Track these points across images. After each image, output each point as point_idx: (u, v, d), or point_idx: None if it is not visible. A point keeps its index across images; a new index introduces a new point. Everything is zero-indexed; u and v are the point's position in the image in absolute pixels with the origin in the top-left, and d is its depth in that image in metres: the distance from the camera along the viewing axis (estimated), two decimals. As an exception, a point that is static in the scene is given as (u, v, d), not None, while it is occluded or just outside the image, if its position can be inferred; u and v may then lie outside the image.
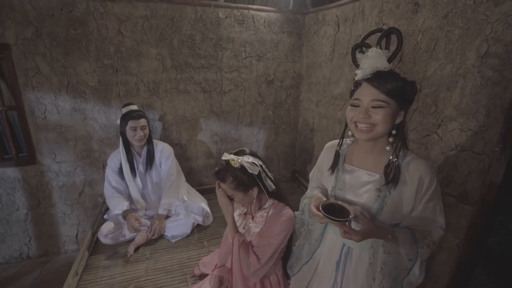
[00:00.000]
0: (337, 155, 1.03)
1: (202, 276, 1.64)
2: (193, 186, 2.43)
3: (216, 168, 1.21)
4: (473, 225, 1.23)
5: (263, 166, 1.22)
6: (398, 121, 0.88)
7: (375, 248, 0.93)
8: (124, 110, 1.96)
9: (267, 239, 1.21)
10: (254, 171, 1.16)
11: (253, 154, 1.24)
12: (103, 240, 1.91)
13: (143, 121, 1.92)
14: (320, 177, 1.14)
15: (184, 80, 2.41)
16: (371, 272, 0.95)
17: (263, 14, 2.47)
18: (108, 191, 2.01)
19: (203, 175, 2.76)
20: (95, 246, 1.95)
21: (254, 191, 1.22)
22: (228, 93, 2.59)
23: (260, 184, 1.21)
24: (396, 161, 0.89)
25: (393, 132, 0.89)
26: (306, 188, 2.85)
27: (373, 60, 0.89)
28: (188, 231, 2.06)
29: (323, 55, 2.38)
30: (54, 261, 2.38)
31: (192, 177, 2.69)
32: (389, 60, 0.90)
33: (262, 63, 2.61)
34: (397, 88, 0.84)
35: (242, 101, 2.66)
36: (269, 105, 2.78)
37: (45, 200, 2.29)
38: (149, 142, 2.04)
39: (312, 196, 1.07)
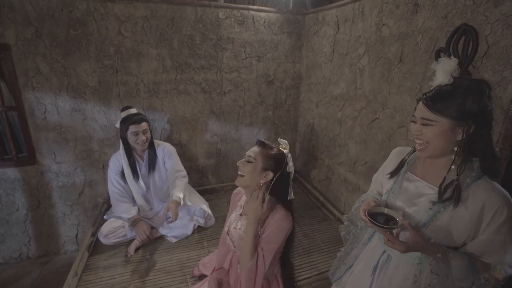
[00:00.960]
0: (402, 163, 1.01)
1: (202, 276, 1.64)
2: (193, 187, 2.43)
3: (264, 140, 1.27)
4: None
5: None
6: (459, 138, 0.82)
7: (423, 264, 0.88)
8: (123, 114, 1.91)
9: (270, 245, 1.19)
10: (290, 168, 1.24)
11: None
12: (103, 240, 1.91)
13: (144, 125, 1.88)
14: (382, 180, 1.12)
15: (184, 81, 2.41)
16: None
17: (263, 14, 2.48)
18: (113, 193, 1.99)
19: (204, 176, 2.76)
20: (95, 247, 1.94)
21: (267, 177, 1.21)
22: (228, 93, 2.59)
23: (276, 178, 1.21)
24: (456, 179, 0.83)
25: (455, 148, 0.84)
26: (306, 189, 2.83)
27: (439, 73, 0.87)
28: (189, 232, 2.06)
29: (323, 56, 2.38)
30: (53, 262, 2.38)
31: (192, 177, 2.68)
32: (466, 66, 0.86)
33: (262, 63, 2.61)
34: (449, 105, 0.80)
35: (242, 102, 2.66)
36: (269, 105, 2.78)
37: (45, 201, 2.29)
38: (151, 144, 2.01)
39: (364, 200, 1.06)
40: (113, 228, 1.93)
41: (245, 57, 2.54)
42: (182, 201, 1.97)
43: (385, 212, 0.91)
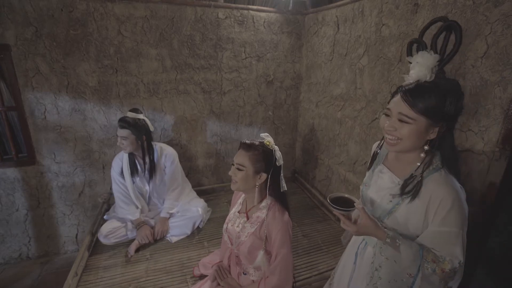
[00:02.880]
0: (374, 156, 1.05)
1: (202, 277, 1.64)
2: (193, 186, 2.43)
3: (248, 140, 1.24)
4: (473, 226, 1.23)
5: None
6: (431, 137, 0.84)
7: (377, 248, 0.94)
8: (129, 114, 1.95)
9: (282, 249, 1.20)
10: (279, 161, 1.22)
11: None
12: (103, 240, 1.91)
13: (123, 132, 1.85)
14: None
15: (184, 81, 2.41)
16: (371, 271, 0.96)
17: (262, 14, 2.48)
18: (117, 193, 2.00)
19: (203, 176, 2.76)
20: (95, 247, 1.94)
21: (261, 178, 1.22)
22: (228, 93, 2.59)
23: (270, 177, 1.22)
24: (419, 175, 0.86)
25: (425, 148, 0.86)
26: (306, 188, 2.84)
27: (418, 68, 0.85)
28: (189, 232, 2.06)
29: (323, 56, 2.38)
30: (53, 262, 2.38)
31: (192, 177, 2.69)
32: (443, 64, 0.85)
33: (262, 63, 2.61)
34: (431, 106, 0.80)
35: (242, 102, 2.66)
36: (269, 105, 2.78)
37: (44, 201, 2.29)
38: (150, 149, 2.00)
39: None
40: (113, 228, 1.93)
41: (245, 57, 2.54)
42: (175, 212, 2.09)
43: (347, 196, 0.99)
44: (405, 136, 0.84)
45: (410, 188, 0.87)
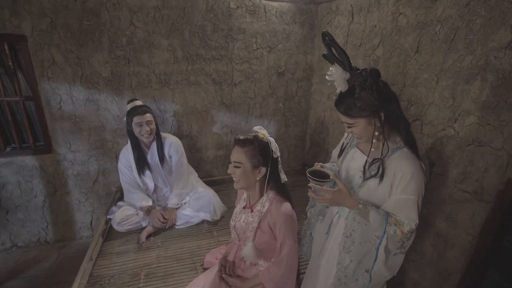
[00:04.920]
0: (343, 149, 1.22)
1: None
2: (203, 177, 2.46)
3: (241, 136, 1.22)
4: (488, 223, 1.20)
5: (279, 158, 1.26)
6: (378, 123, 0.99)
7: (350, 217, 1.08)
8: (129, 106, 1.94)
9: (287, 240, 1.20)
10: (276, 153, 1.22)
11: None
12: (116, 227, 1.97)
13: (148, 116, 1.89)
14: (334, 154, 1.33)
15: (195, 72, 2.41)
16: (343, 240, 1.11)
17: (275, 4, 2.43)
18: (126, 184, 2.04)
19: (213, 166, 2.78)
20: (109, 233, 2.01)
21: (261, 173, 1.22)
22: (239, 84, 2.58)
23: (269, 170, 1.21)
24: (381, 158, 1.01)
25: (376, 133, 1.01)
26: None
27: (337, 83, 1.00)
28: (196, 222, 2.11)
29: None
30: (70, 246, 2.48)
31: (202, 168, 2.72)
32: (348, 65, 0.97)
33: (273, 54, 2.58)
34: (355, 109, 0.96)
35: (252, 93, 2.65)
36: (280, 97, 2.75)
37: (61, 188, 2.37)
38: (158, 137, 2.03)
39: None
40: (126, 216, 1.99)
41: (256, 48, 2.51)
42: (183, 202, 2.13)
43: (324, 170, 1.11)
44: (359, 134, 1.03)
45: (375, 172, 1.02)
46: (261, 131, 1.23)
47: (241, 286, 1.31)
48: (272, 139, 1.23)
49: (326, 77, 1.03)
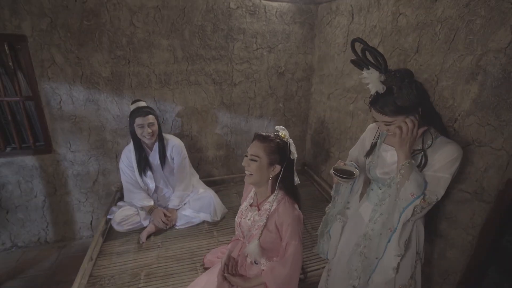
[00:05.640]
0: (373, 145, 1.23)
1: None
2: (203, 177, 2.46)
3: (263, 132, 1.25)
4: (488, 223, 1.20)
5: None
6: (418, 119, 1.02)
7: (383, 193, 1.15)
8: (132, 107, 1.95)
9: (293, 241, 1.20)
10: (293, 155, 1.23)
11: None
12: (117, 227, 1.97)
13: (150, 118, 1.90)
14: (360, 152, 1.33)
15: (195, 72, 2.41)
16: (373, 211, 1.16)
17: (275, 4, 2.43)
18: (127, 184, 2.05)
19: (213, 167, 2.78)
20: (109, 233, 2.01)
21: (275, 170, 1.22)
22: (239, 85, 2.58)
23: (284, 169, 1.22)
24: (422, 149, 1.06)
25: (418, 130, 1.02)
26: (316, 181, 2.83)
27: (371, 85, 1.03)
28: (196, 222, 2.11)
29: (336, 47, 2.32)
30: (70, 246, 2.48)
31: (202, 168, 2.72)
32: (384, 68, 1.01)
33: (273, 54, 2.58)
34: (396, 107, 0.99)
35: (252, 93, 2.65)
36: (280, 97, 2.75)
37: (61, 188, 2.37)
38: (160, 138, 2.02)
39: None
40: (126, 216, 1.99)
41: (256, 48, 2.51)
42: (184, 203, 2.13)
43: (348, 168, 1.16)
44: (398, 131, 1.03)
45: (418, 162, 1.06)
46: (283, 131, 1.26)
47: (243, 286, 1.31)
48: (291, 141, 1.26)
49: (362, 80, 1.07)
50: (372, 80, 1.03)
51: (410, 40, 1.57)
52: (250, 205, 1.37)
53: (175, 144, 2.10)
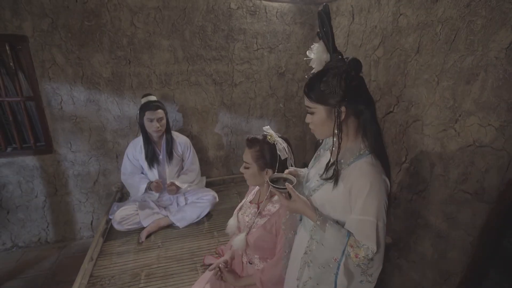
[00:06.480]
0: (317, 146, 1.12)
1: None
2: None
3: (252, 136, 1.23)
4: (489, 223, 1.19)
5: (292, 160, 1.23)
6: (338, 121, 0.86)
7: (310, 232, 0.96)
8: (143, 100, 2.01)
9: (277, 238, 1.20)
10: (281, 154, 1.18)
11: (288, 143, 1.25)
12: (117, 226, 1.97)
13: (160, 113, 1.95)
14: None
15: (195, 72, 2.42)
16: (305, 256, 0.98)
17: (275, 4, 2.43)
18: (127, 166, 2.10)
19: (213, 167, 2.78)
20: (109, 233, 2.01)
21: (268, 174, 1.20)
22: (239, 85, 2.58)
23: (276, 171, 1.20)
24: (339, 162, 0.88)
25: (335, 131, 0.87)
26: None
27: (313, 61, 0.91)
28: (194, 216, 2.11)
29: (337, 47, 2.32)
30: (70, 247, 2.48)
31: (202, 168, 2.70)
32: (332, 47, 0.88)
33: (274, 55, 2.58)
34: (318, 92, 0.85)
35: (253, 94, 2.65)
36: (280, 97, 2.75)
37: (61, 188, 2.37)
38: (168, 132, 2.08)
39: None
40: (126, 215, 1.99)
41: (257, 49, 2.51)
42: (183, 187, 2.15)
43: (285, 176, 1.02)
44: (315, 125, 0.93)
45: (331, 174, 0.88)
46: (269, 131, 1.21)
47: (234, 283, 1.31)
48: (279, 140, 1.21)
49: (307, 52, 0.93)
50: (316, 56, 0.90)
51: (411, 41, 1.57)
52: (250, 202, 1.37)
53: (181, 141, 2.18)
